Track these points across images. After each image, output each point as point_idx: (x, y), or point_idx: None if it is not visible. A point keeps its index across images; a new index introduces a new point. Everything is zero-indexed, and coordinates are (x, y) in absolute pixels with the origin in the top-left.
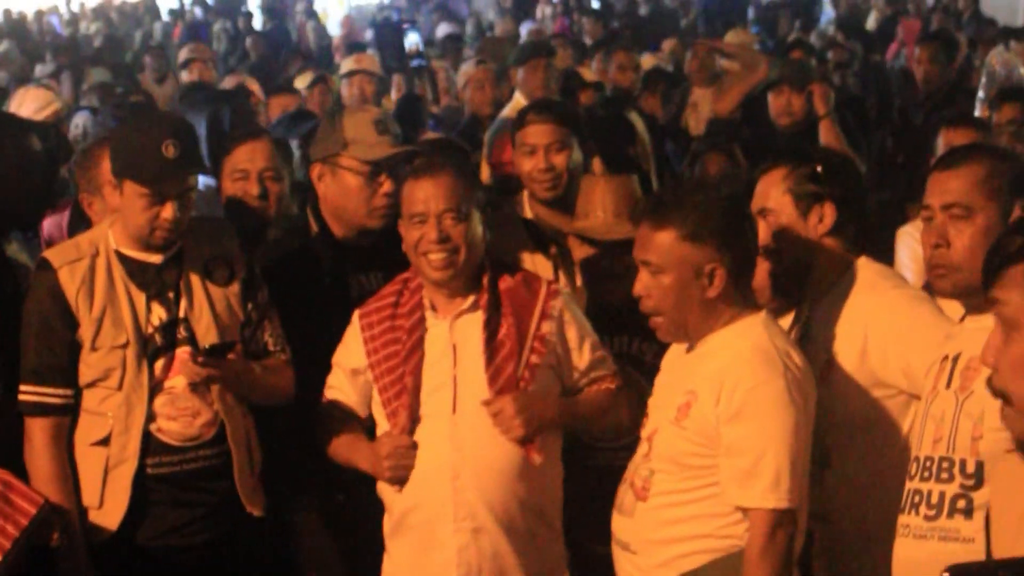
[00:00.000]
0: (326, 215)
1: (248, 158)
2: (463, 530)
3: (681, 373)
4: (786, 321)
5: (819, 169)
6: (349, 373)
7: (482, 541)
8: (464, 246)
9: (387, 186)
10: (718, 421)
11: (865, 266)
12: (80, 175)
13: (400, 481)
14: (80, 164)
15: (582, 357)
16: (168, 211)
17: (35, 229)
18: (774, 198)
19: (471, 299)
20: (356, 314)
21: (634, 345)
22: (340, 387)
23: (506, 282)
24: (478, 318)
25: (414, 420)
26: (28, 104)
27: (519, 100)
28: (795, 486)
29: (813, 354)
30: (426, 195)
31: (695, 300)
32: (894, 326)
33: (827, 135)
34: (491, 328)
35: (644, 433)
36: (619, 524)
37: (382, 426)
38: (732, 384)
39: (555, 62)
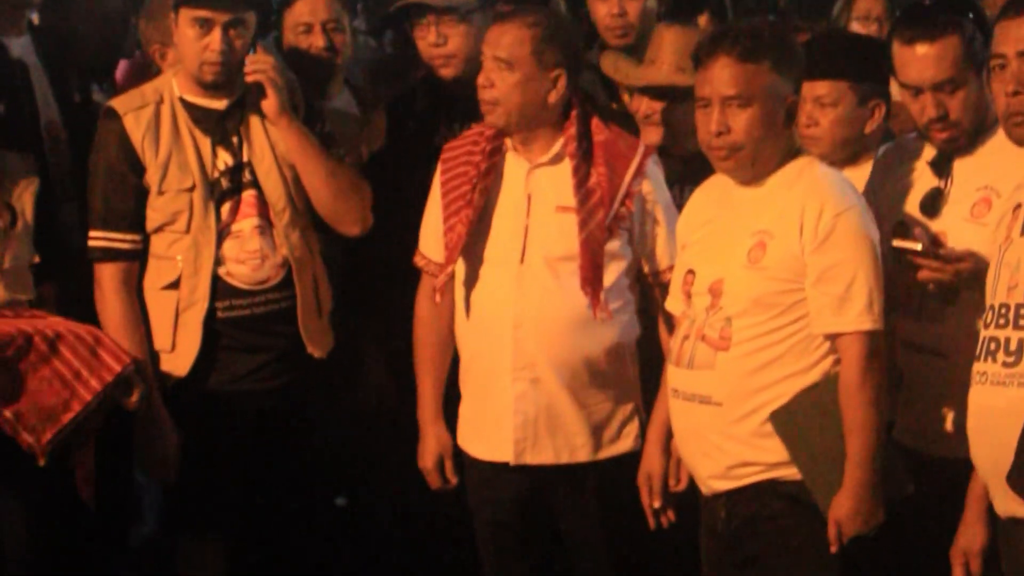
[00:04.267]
0: None
1: (310, 10)
2: (521, 379)
3: (738, 216)
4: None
5: None
6: (435, 235)
7: (539, 391)
8: (505, 96)
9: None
10: (803, 252)
11: None
12: (152, 26)
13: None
14: (152, 15)
15: (662, 242)
16: (216, 41)
17: (110, 77)
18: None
19: (553, 150)
20: (440, 159)
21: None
22: (430, 256)
23: (601, 133)
24: (559, 171)
25: (479, 262)
26: None
27: None
28: (883, 308)
29: (962, 196)
30: (488, 39)
31: (775, 134)
32: None
33: None
34: (581, 174)
35: (697, 287)
36: (691, 378)
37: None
38: (814, 213)
39: None
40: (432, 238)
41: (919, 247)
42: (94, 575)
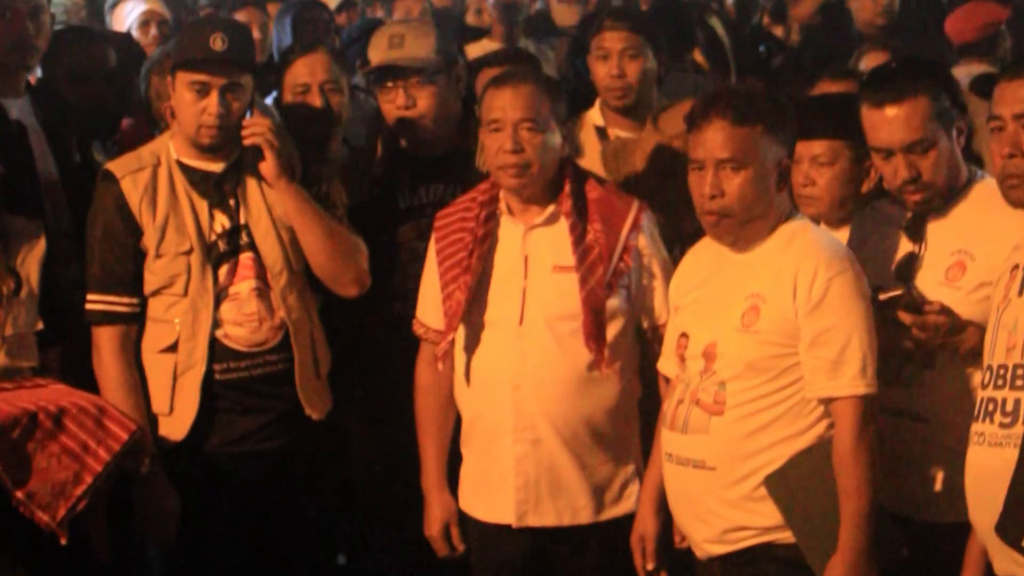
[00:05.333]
0: None
1: (308, 71)
2: (522, 440)
3: (731, 280)
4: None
5: None
6: (433, 303)
7: (540, 453)
8: (538, 157)
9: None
10: (797, 315)
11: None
12: (165, 82)
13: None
14: (164, 70)
15: (659, 296)
16: (213, 104)
17: (111, 136)
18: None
19: (548, 211)
20: (433, 227)
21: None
22: (428, 324)
23: (595, 192)
24: (554, 231)
25: (479, 326)
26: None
27: None
28: (875, 372)
29: (936, 260)
30: (503, 103)
31: (767, 197)
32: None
33: None
34: (578, 232)
35: (691, 351)
36: (686, 443)
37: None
38: (808, 277)
39: None
40: (430, 306)
41: (901, 292)
42: None
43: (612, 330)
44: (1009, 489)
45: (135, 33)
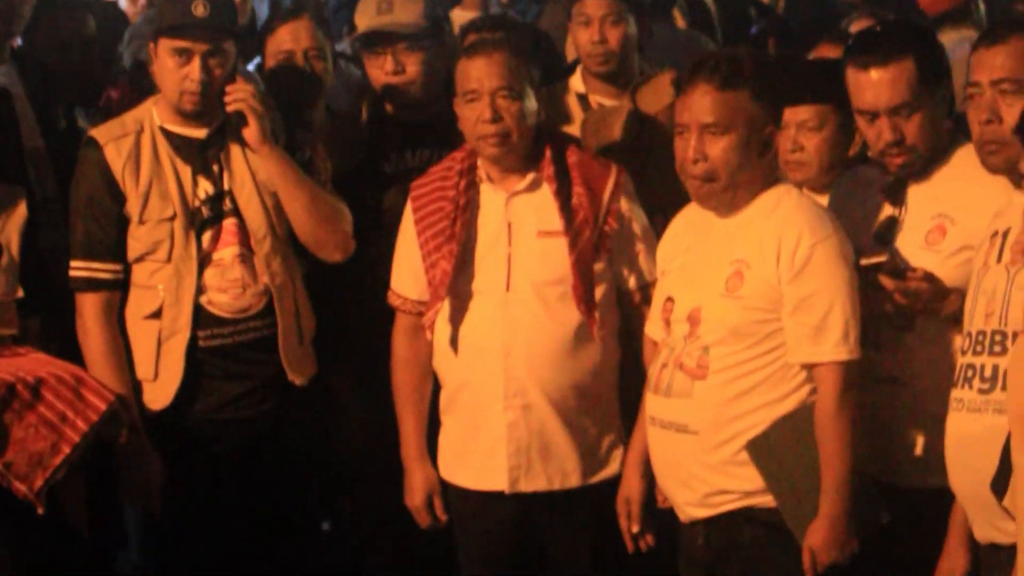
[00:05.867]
0: None
1: (292, 38)
2: (513, 406)
3: (717, 245)
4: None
5: None
6: (411, 273)
7: (531, 418)
8: (516, 125)
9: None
10: (780, 282)
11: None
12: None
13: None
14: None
15: (643, 258)
16: (195, 70)
17: (94, 104)
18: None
19: (529, 177)
20: (409, 197)
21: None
22: (405, 295)
23: (575, 156)
24: (537, 197)
25: (465, 295)
26: None
27: None
28: (859, 338)
29: (917, 224)
30: (479, 73)
31: (751, 163)
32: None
33: None
34: (563, 197)
35: (676, 315)
36: (669, 406)
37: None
38: (791, 243)
39: None
40: (407, 276)
41: (884, 258)
42: None
43: (599, 293)
44: (1004, 449)
45: (123, 2)
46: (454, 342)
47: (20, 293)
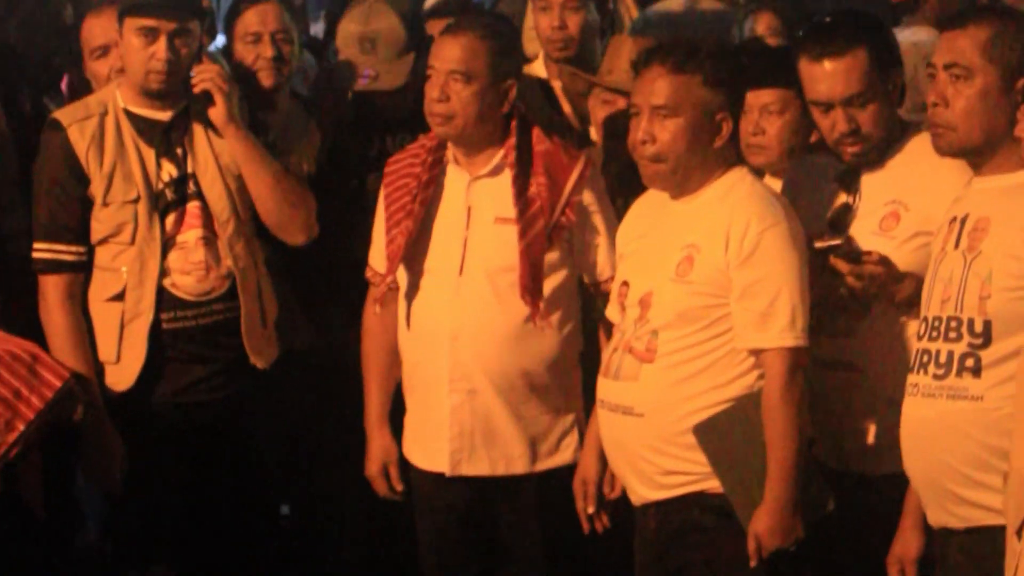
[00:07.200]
0: None
1: (259, 20)
2: (458, 390)
3: (670, 230)
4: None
5: None
6: (380, 247)
7: (476, 403)
8: (462, 109)
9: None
10: (728, 267)
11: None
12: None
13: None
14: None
15: (603, 252)
16: (161, 49)
17: (54, 88)
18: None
19: (494, 162)
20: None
21: None
22: (376, 268)
23: (542, 144)
24: (499, 182)
25: (419, 273)
26: None
27: None
28: (806, 325)
29: (870, 210)
30: (438, 52)
31: (701, 148)
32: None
33: None
34: (520, 184)
35: (630, 299)
36: (616, 389)
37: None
38: (740, 229)
39: None
40: (378, 251)
41: (839, 241)
42: None
43: (551, 283)
44: None
45: None
46: (408, 320)
47: None
